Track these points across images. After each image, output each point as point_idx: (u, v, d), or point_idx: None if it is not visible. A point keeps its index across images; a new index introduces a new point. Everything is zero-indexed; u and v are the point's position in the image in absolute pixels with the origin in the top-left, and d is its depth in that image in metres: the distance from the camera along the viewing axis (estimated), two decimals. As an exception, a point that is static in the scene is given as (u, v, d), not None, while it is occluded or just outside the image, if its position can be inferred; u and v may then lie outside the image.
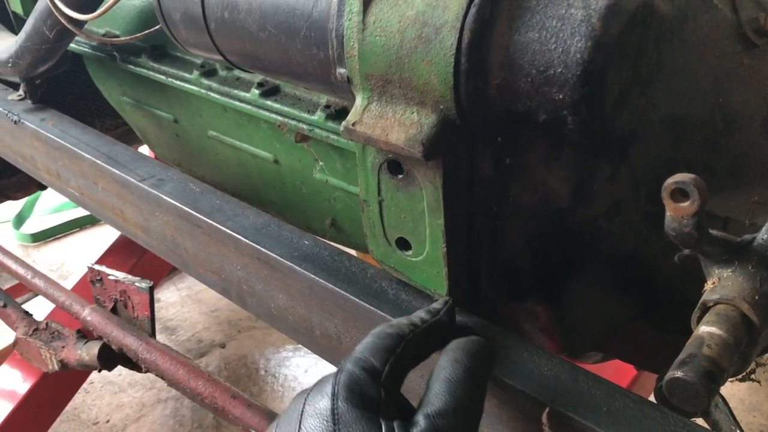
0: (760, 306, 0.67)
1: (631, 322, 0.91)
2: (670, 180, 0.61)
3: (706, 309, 0.68)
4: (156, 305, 2.69)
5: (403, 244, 0.86)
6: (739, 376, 1.38)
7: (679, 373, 0.61)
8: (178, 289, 2.74)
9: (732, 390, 2.07)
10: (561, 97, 0.64)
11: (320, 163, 1.22)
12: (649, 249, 0.81)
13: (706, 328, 0.65)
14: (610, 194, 0.77)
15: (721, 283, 0.68)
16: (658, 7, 0.67)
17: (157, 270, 2.29)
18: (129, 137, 1.96)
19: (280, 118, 1.19)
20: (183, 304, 2.65)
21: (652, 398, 0.76)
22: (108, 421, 2.15)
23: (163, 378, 1.48)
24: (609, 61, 0.63)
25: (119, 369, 2.34)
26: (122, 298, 1.60)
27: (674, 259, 0.68)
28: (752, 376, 1.24)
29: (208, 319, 2.56)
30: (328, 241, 1.04)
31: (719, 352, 0.63)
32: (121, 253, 2.26)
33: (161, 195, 1.18)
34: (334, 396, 0.62)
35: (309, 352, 2.36)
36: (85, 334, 1.58)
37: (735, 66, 0.81)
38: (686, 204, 0.61)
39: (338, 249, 1.00)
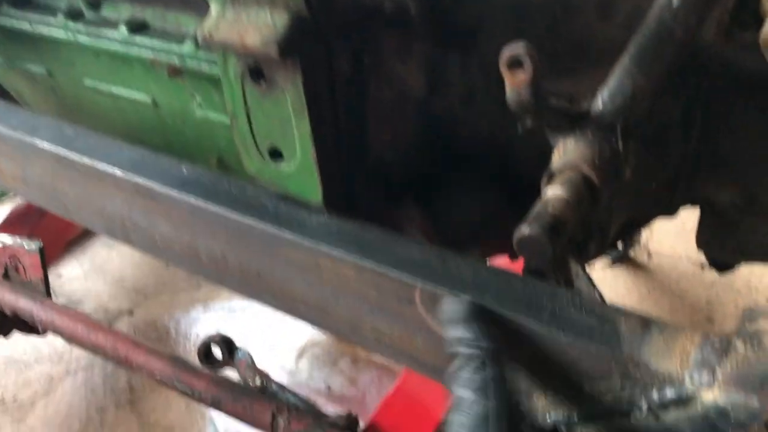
0: (599, 168, 0.72)
1: (500, 214, 0.95)
2: (505, 51, 0.65)
3: (552, 176, 0.73)
4: (59, 280, 2.62)
5: (275, 154, 0.88)
6: (611, 260, 1.47)
7: (525, 230, 0.66)
8: (80, 263, 2.67)
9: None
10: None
11: (198, 98, 1.22)
12: (505, 134, 0.86)
13: (551, 191, 0.70)
14: (463, 83, 0.81)
15: (565, 152, 0.74)
16: None
17: (53, 240, 2.23)
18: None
19: (151, 54, 1.17)
20: (86, 277, 2.58)
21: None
22: (15, 400, 2.10)
23: (62, 336, 1.46)
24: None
25: (23, 346, 2.29)
26: (12, 263, 1.56)
27: (518, 129, 0.72)
28: (627, 262, 1.33)
29: (114, 288, 2.51)
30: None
31: (562, 209, 0.68)
32: (11, 228, 2.19)
33: (35, 141, 1.15)
34: None
35: (220, 309, 2.36)
36: (-26, 303, 1.52)
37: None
38: (521, 73, 0.66)
39: (217, 173, 1.01)
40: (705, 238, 0.96)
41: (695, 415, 0.63)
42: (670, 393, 0.63)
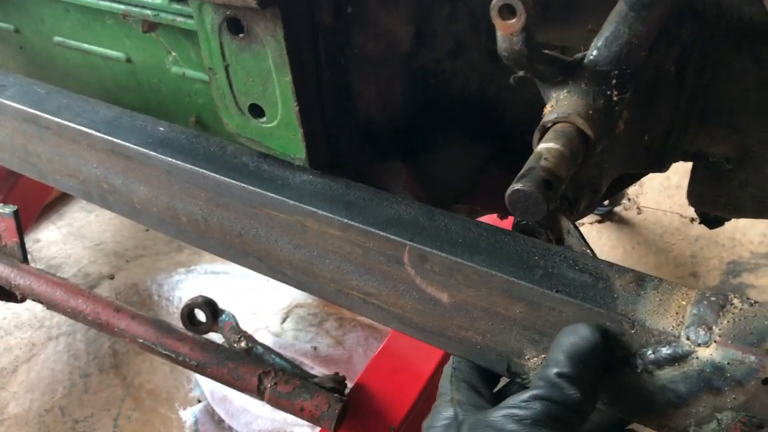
0: (594, 120, 0.69)
1: (487, 169, 0.93)
2: (496, -3, 0.62)
3: (545, 130, 0.71)
4: (37, 245, 2.57)
5: (256, 110, 0.84)
6: (599, 217, 1.46)
7: (518, 185, 0.64)
8: (58, 227, 2.62)
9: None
10: None
11: (173, 54, 1.17)
12: (494, 88, 0.83)
13: (544, 145, 0.68)
14: (451, 34, 0.78)
15: (558, 104, 0.71)
16: None
17: (28, 204, 2.18)
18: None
19: (123, 7, 1.12)
20: (65, 242, 2.54)
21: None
22: (-3, 367, 2.07)
23: (41, 302, 1.43)
24: None
25: (2, 313, 2.25)
26: (-14, 229, 1.52)
27: (509, 80, 0.69)
28: (614, 218, 1.32)
29: (93, 253, 2.47)
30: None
31: (555, 163, 0.65)
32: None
33: (4, 101, 1.10)
34: None
35: (203, 272, 2.33)
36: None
37: None
38: (513, 20, 0.62)
39: (195, 132, 0.97)
40: (697, 193, 0.94)
41: (691, 372, 0.61)
42: (665, 351, 0.62)
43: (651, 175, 0.99)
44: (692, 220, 1.03)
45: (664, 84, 0.81)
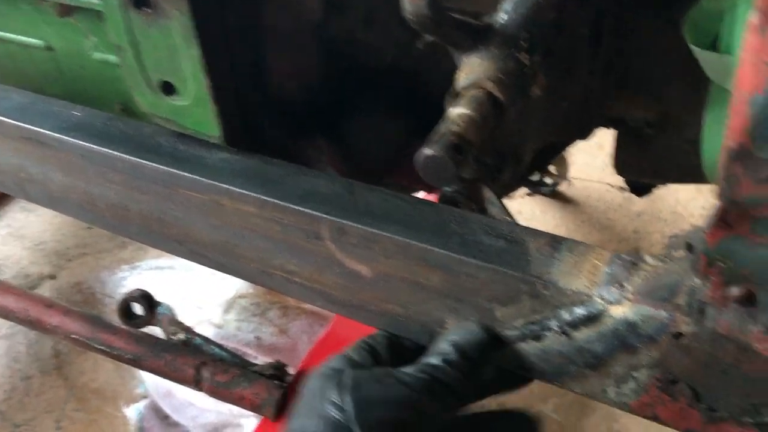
0: (504, 84, 0.69)
1: (412, 142, 0.92)
2: (399, -42, 0.60)
3: (456, 96, 0.70)
4: (-26, 249, 2.49)
5: (168, 88, 0.81)
6: (542, 194, 1.46)
7: (427, 150, 0.63)
8: (-3, 228, 2.54)
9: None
10: None
11: (92, 39, 1.13)
12: (412, 58, 0.81)
13: (454, 110, 0.67)
14: (363, 2, 0.76)
15: (470, 70, 0.70)
16: None
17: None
18: None
19: (34, -10, 1.08)
20: (4, 242, 2.46)
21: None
22: (-68, 373, 2.00)
23: (-32, 302, 1.38)
24: None
25: (-63, 318, 2.17)
26: None
27: (419, 46, 0.68)
28: (542, 189, 1.32)
29: (34, 253, 2.40)
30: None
31: (465, 128, 0.64)
32: None
33: None
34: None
35: (147, 268, 2.28)
36: None
37: None
38: (417, -18, 0.61)
39: (110, 114, 0.94)
40: (621, 160, 0.95)
41: (606, 331, 0.61)
42: (580, 311, 0.62)
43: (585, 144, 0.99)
44: (621, 189, 1.03)
45: (580, 49, 0.80)
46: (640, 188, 1.07)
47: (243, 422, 1.55)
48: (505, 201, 2.04)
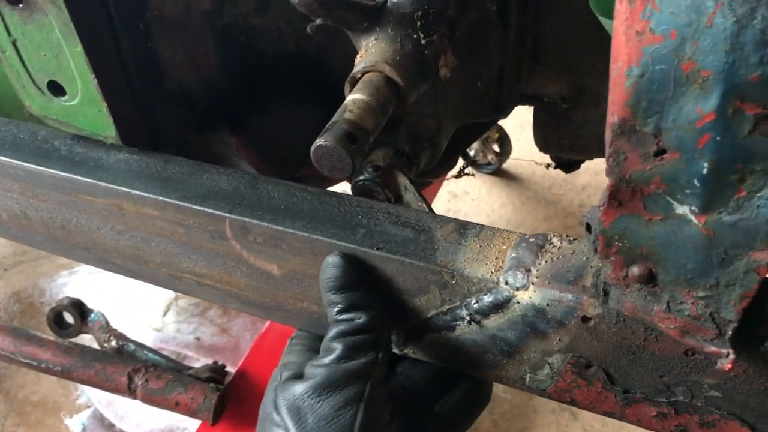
0: (402, 66, 0.66)
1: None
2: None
3: (355, 81, 0.66)
4: None
5: (56, 88, 0.77)
6: (454, 172, 1.44)
7: (320, 141, 0.59)
8: (-71, 242, 2.44)
9: (499, 215, 2.19)
10: None
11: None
12: (314, 43, 0.78)
13: (350, 96, 0.64)
14: (254, -13, 0.72)
15: (367, 53, 0.67)
16: None
17: None
18: None
19: None
20: (-63, 257, 2.37)
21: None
22: None
23: None
24: None
25: None
26: None
27: (307, 30, 0.65)
28: (465, 170, 1.30)
29: (-31, 265, 2.31)
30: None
31: (360, 114, 0.61)
32: None
33: None
34: None
35: (87, 272, 2.21)
36: None
37: None
38: (297, -37, 0.58)
39: (4, 119, 0.89)
40: (541, 137, 0.93)
41: (515, 318, 0.59)
42: (487, 299, 0.59)
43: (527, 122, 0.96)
44: (548, 166, 1.01)
45: (489, 25, 0.78)
46: (566, 164, 1.06)
47: (189, 426, 1.51)
48: (450, 182, 2.01)
